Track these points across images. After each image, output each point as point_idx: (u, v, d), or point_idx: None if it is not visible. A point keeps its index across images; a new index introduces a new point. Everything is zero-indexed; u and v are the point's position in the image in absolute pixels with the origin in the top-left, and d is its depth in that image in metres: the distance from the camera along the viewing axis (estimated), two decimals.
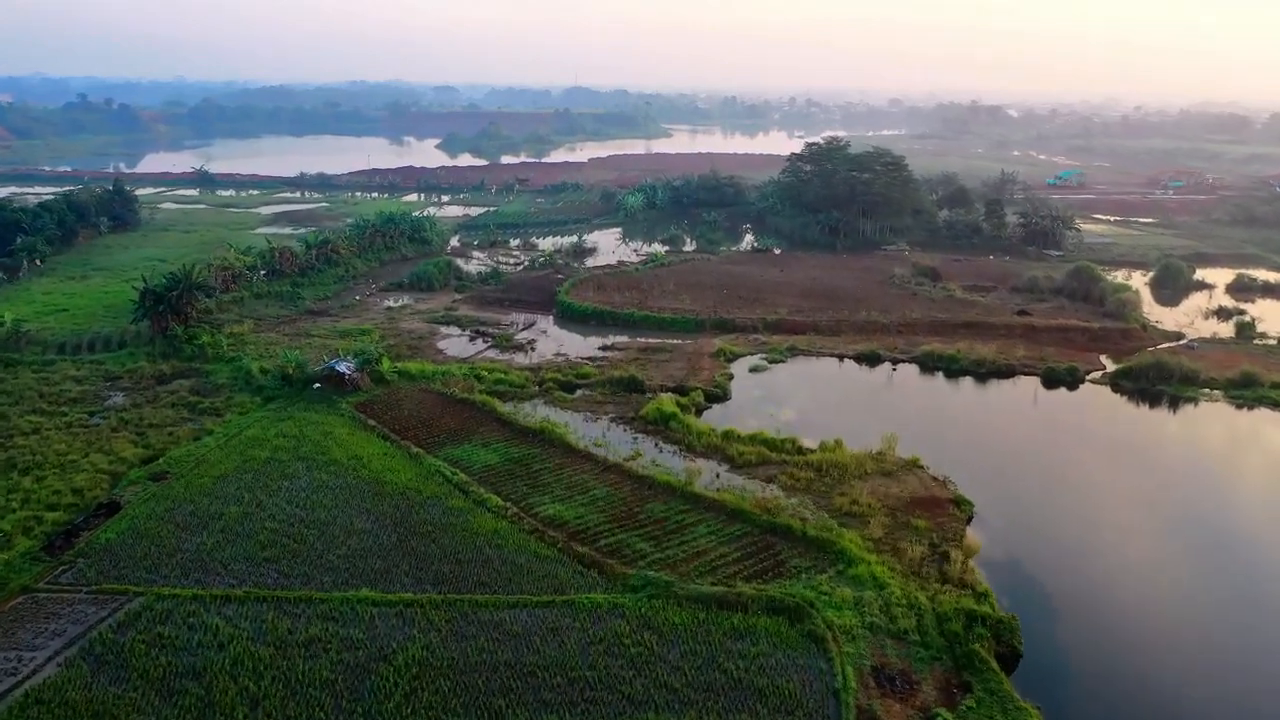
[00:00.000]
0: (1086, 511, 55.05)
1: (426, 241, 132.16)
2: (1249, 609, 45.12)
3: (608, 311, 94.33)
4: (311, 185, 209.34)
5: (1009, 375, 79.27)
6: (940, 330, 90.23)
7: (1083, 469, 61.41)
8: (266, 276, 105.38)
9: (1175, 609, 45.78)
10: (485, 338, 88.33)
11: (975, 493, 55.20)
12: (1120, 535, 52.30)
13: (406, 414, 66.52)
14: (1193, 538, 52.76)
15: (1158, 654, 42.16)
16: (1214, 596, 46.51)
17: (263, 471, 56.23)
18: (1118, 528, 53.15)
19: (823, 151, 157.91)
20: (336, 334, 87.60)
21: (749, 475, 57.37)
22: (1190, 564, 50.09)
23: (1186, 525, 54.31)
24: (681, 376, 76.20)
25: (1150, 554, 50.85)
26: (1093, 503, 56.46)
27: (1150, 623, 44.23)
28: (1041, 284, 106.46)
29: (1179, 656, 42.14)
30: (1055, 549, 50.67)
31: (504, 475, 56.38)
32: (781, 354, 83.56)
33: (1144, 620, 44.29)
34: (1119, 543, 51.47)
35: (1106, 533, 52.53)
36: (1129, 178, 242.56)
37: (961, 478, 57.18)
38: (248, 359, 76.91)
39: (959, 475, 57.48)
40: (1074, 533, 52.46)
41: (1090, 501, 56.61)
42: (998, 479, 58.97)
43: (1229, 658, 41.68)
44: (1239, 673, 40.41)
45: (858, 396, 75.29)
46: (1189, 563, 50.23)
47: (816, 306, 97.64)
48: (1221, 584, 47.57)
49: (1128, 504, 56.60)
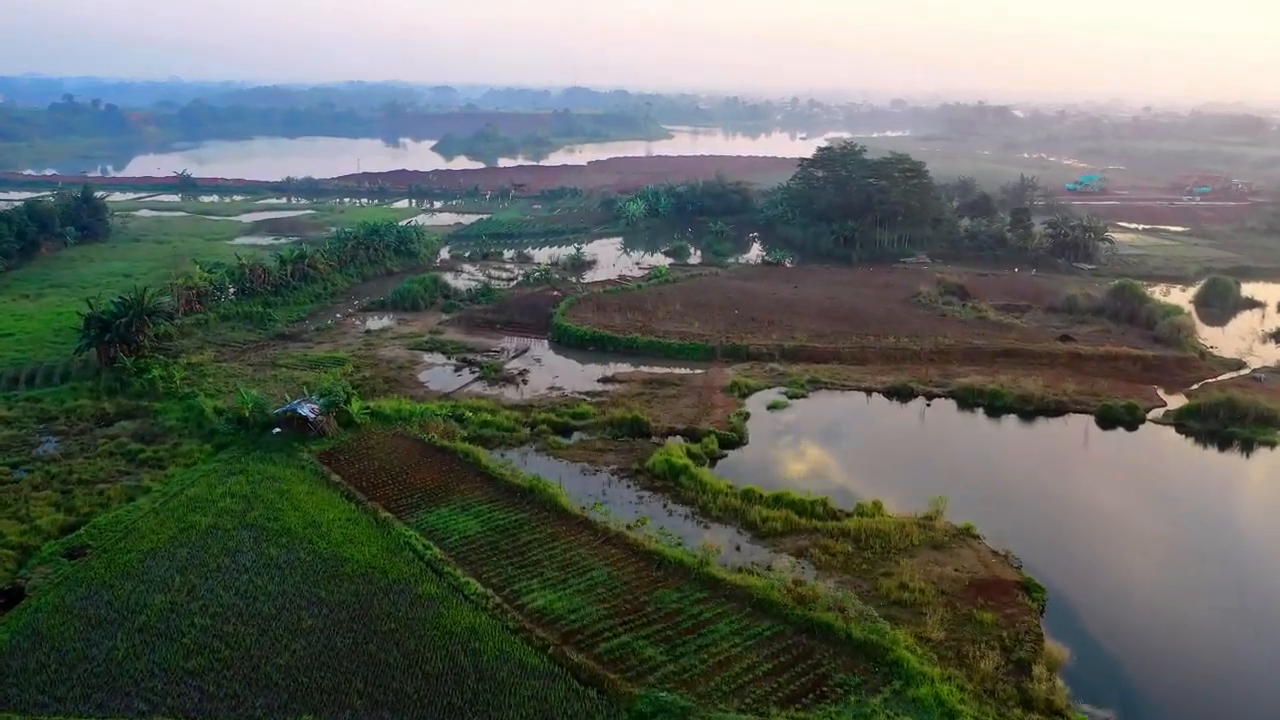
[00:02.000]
0: (1186, 595, 46.42)
1: (414, 254, 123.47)
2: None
3: (608, 337, 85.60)
4: (298, 190, 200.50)
5: (1059, 413, 70.57)
6: (976, 358, 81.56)
7: (1166, 537, 52.76)
8: (236, 295, 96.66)
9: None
10: (472, 368, 79.63)
11: (1044, 571, 46.60)
12: (1234, 626, 43.53)
13: (377, 466, 57.79)
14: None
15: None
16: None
17: (201, 544, 47.54)
18: (1228, 616, 44.36)
19: (836, 156, 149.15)
20: (307, 363, 78.91)
21: (775, 547, 48.75)
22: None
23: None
24: (692, 416, 67.55)
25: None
26: (1190, 582, 47.82)
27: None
28: (1080, 303, 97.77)
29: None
30: (1158, 652, 41.82)
31: (486, 549, 47.69)
32: (802, 387, 74.87)
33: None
34: (1235, 637, 42.70)
35: (1214, 624, 43.79)
36: (1150, 182, 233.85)
37: (1024, 549, 48.59)
38: (202, 397, 68.16)
39: (1021, 546, 48.88)
40: (1179, 627, 43.71)
41: (1188, 581, 47.98)
42: (1067, 551, 50.21)
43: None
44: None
45: (891, 440, 66.54)
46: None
47: (837, 330, 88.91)
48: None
49: (1230, 583, 47.83)
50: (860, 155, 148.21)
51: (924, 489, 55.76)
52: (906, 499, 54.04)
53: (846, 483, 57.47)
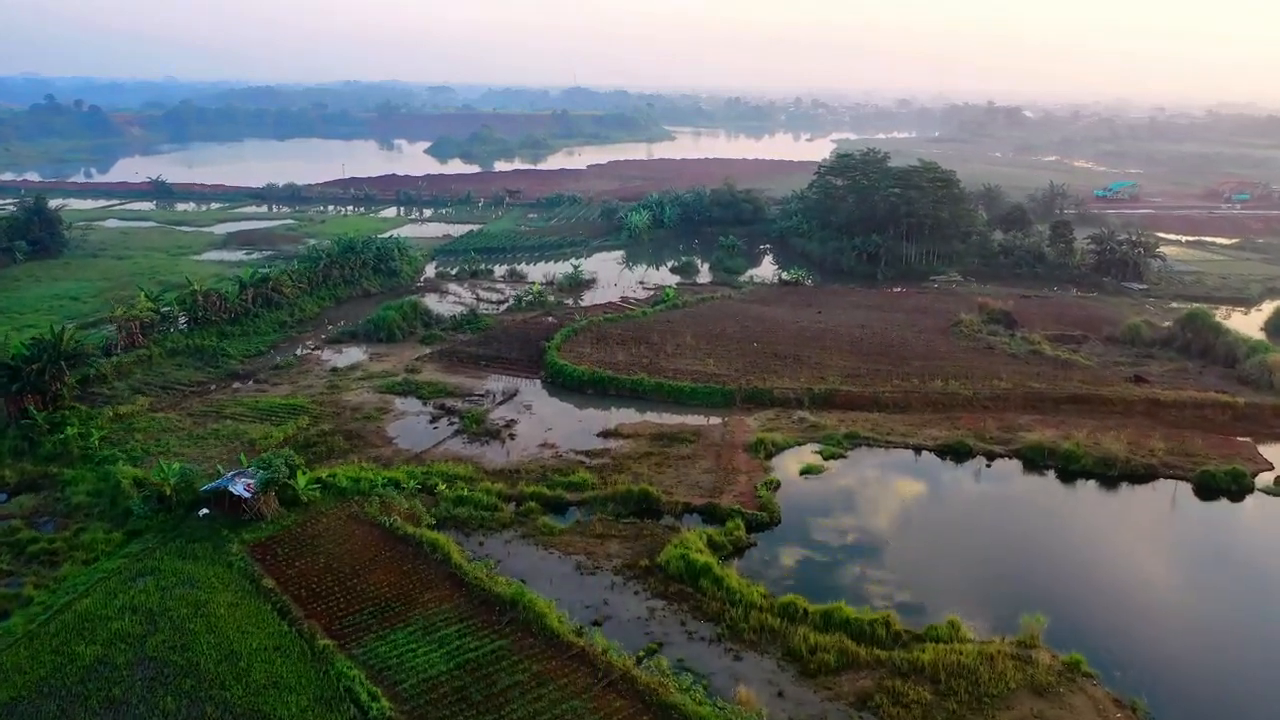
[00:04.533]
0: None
1: (395, 273, 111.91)
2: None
3: (609, 378, 74.10)
4: (279, 198, 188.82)
5: (1147, 479, 59.10)
6: (1037, 405, 70.14)
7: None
8: (188, 325, 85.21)
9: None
10: (451, 417, 68.19)
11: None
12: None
13: (322, 564, 46.34)
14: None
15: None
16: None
17: (77, 691, 36.25)
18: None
19: (857, 164, 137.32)
20: (259, 413, 67.44)
21: (828, 691, 37.42)
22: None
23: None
24: (710, 485, 56.16)
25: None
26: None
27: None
28: (1145, 334, 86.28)
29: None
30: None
31: (451, 699, 36.30)
32: (839, 443, 63.41)
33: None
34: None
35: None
36: (1178, 187, 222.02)
37: (1154, 692, 37.23)
38: (122, 463, 56.70)
39: (1148, 687, 37.52)
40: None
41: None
42: (1209, 695, 38.73)
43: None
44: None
45: (955, 520, 54.95)
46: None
47: (872, 368, 77.47)
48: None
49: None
50: (884, 162, 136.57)
51: (1007, 595, 44.88)
52: (988, 612, 42.97)
53: (909, 584, 46.13)
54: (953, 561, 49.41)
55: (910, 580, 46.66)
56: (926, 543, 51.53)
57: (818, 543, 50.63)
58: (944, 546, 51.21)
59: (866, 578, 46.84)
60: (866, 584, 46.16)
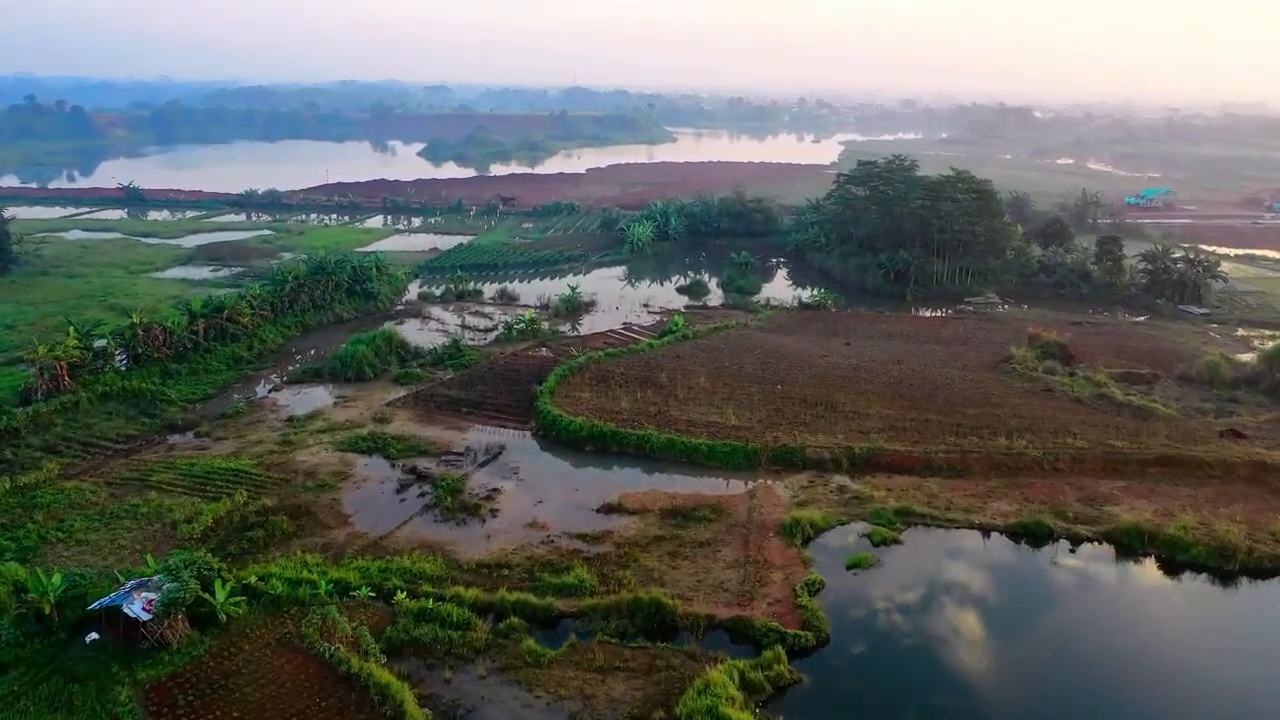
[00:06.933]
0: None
1: (372, 295, 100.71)
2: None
3: (612, 433, 62.93)
4: (259, 205, 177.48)
5: (1270, 575, 48.04)
6: (1120, 468, 59.13)
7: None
8: (126, 363, 74.14)
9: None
10: (422, 483, 57.13)
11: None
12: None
13: (236, 717, 35.24)
14: None
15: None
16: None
17: None
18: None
19: (880, 172, 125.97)
20: (193, 480, 56.32)
21: None
22: None
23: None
24: (737, 587, 45.14)
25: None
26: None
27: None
28: (1224, 373, 75.29)
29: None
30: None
31: None
32: (889, 523, 52.38)
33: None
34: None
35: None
36: (1210, 194, 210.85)
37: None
38: (8, 558, 45.55)
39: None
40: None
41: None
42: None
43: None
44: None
45: (1053, 635, 43.57)
46: None
47: (919, 418, 66.32)
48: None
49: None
50: (911, 171, 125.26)
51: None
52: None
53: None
54: (1062, 700, 38.22)
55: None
56: (1014, 670, 40.29)
57: (880, 678, 39.49)
58: (1044, 674, 39.96)
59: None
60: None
